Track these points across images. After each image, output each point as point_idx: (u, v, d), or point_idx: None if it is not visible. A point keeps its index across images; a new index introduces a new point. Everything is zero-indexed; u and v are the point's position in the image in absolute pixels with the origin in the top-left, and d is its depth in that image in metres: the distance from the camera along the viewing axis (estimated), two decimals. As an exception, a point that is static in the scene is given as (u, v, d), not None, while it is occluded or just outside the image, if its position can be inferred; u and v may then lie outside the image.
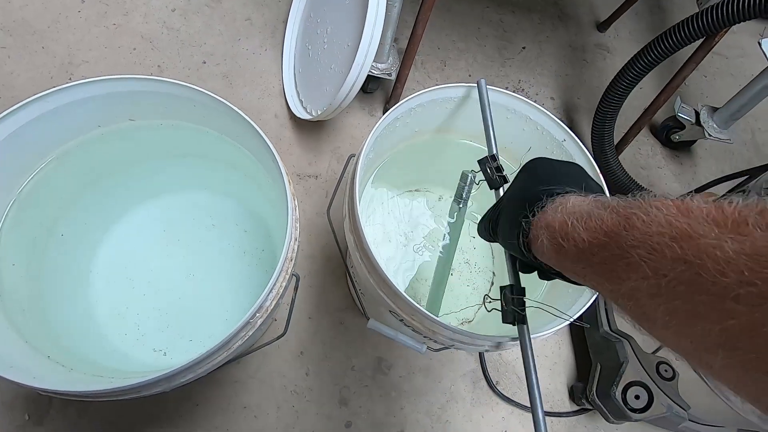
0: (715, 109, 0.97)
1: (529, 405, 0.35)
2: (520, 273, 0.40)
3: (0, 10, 0.85)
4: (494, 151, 0.50)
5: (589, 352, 0.79)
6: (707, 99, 1.17)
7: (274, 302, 0.44)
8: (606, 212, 0.25)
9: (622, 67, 0.86)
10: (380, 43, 0.72)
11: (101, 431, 0.63)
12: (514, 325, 0.41)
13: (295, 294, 0.50)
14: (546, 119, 0.58)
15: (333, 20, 0.79)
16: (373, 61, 0.82)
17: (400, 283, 0.71)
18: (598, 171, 0.54)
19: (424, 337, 0.49)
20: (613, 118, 0.90)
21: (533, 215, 0.32)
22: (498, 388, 0.76)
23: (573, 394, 0.78)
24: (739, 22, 0.72)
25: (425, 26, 0.77)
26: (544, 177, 0.34)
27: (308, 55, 0.86)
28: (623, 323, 0.76)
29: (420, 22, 0.76)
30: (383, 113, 0.94)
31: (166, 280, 0.65)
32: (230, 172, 0.64)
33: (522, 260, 0.37)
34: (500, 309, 0.42)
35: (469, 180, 0.55)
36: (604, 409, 0.71)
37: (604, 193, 0.33)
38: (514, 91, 1.05)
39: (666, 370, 0.70)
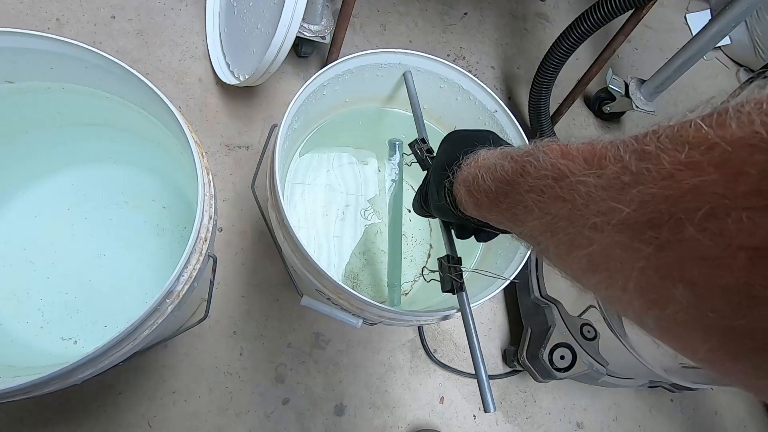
0: (642, 81, 1.01)
1: (465, 370, 0.36)
2: (458, 240, 0.42)
3: None
4: (424, 134, 0.52)
5: (521, 317, 0.82)
6: (637, 71, 1.22)
7: (186, 286, 0.41)
8: (507, 162, 0.27)
9: (557, 38, 0.86)
10: (311, 1, 0.66)
11: (8, 431, 0.58)
12: (453, 293, 0.42)
13: (214, 275, 0.46)
14: (478, 89, 0.56)
15: (258, -26, 0.72)
16: (305, 21, 0.77)
17: (336, 257, 0.69)
18: (527, 141, 0.54)
19: (353, 314, 0.47)
20: (549, 88, 0.91)
21: (453, 175, 0.34)
22: (436, 356, 0.78)
23: (506, 357, 0.82)
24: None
25: (359, -15, 0.72)
26: (462, 143, 0.37)
27: (233, 13, 0.79)
28: (552, 289, 0.79)
29: (353, -19, 0.71)
30: (319, 79, 0.89)
31: (74, 262, 0.59)
32: (141, 143, 0.58)
33: (457, 224, 0.39)
34: (438, 279, 0.43)
35: (396, 147, 0.57)
36: (533, 370, 0.75)
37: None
38: (454, 60, 1.04)
39: (589, 331, 0.75)
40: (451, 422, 0.76)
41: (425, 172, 0.49)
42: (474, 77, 0.56)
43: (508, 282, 0.50)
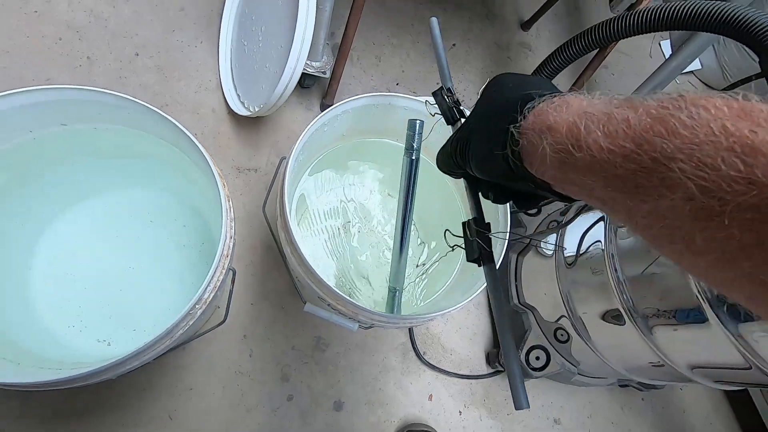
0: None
1: (452, 371, 0.42)
2: (495, 204, 0.37)
3: None
4: (450, 84, 0.46)
5: (503, 322, 0.91)
6: (614, 93, 1.31)
7: (212, 294, 0.49)
8: (632, 113, 0.21)
9: (536, 67, 0.96)
10: (313, 43, 0.76)
11: (47, 420, 0.66)
12: (479, 264, 0.37)
13: (233, 286, 0.55)
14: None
15: (267, 20, 0.82)
16: (308, 59, 0.87)
17: (333, 265, 0.78)
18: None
19: (349, 318, 0.56)
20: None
21: (523, 119, 0.27)
22: (425, 357, 0.86)
23: (489, 359, 0.90)
24: (637, 35, 0.82)
25: (356, 28, 0.82)
26: (518, 88, 0.30)
27: (244, 51, 0.89)
28: (530, 297, 0.88)
29: (351, 24, 0.81)
30: (320, 108, 0.98)
31: (107, 274, 0.68)
32: (164, 170, 0.67)
33: (500, 184, 0.33)
34: (463, 246, 0.37)
35: (417, 128, 0.53)
36: (512, 370, 0.83)
37: None
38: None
39: (562, 335, 0.83)
40: (439, 418, 0.84)
41: (450, 126, 0.44)
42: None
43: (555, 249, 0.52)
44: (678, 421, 1.00)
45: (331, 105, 0.92)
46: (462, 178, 0.39)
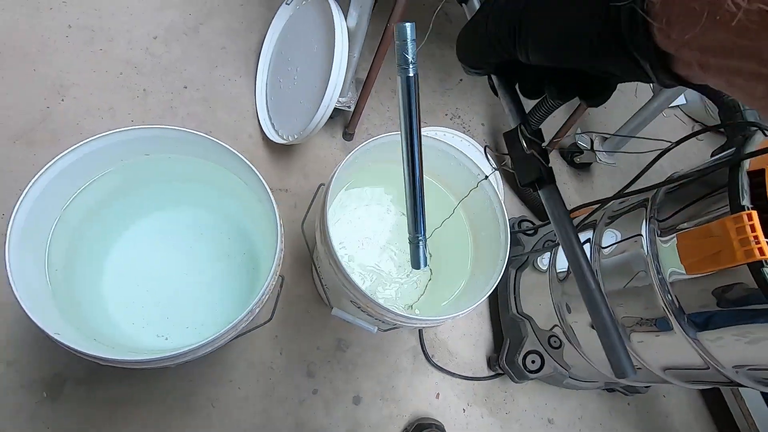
0: (605, 138, 1.23)
1: (457, 372, 0.48)
2: (550, 105, 0.28)
3: (-9, 34, 0.93)
4: None
5: (502, 329, 1.02)
6: (605, 127, 1.45)
7: (266, 296, 0.61)
8: None
9: (534, 106, 1.09)
10: (342, 83, 0.89)
11: (107, 406, 0.76)
12: (537, 187, 0.29)
13: (281, 290, 0.67)
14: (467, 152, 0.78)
15: (302, 62, 0.95)
16: (336, 96, 0.99)
17: (358, 269, 0.89)
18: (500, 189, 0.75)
19: (375, 319, 0.67)
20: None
21: None
22: (433, 360, 0.97)
23: (489, 363, 1.01)
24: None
25: (378, 71, 0.95)
26: None
27: (280, 87, 1.02)
28: (527, 307, 0.99)
29: (374, 67, 0.94)
30: (343, 136, 1.11)
31: (164, 279, 0.79)
32: (220, 193, 0.79)
33: (588, 67, 0.22)
34: (510, 168, 0.30)
35: (408, 34, 0.33)
36: (510, 372, 0.94)
37: None
38: (451, 118, 1.27)
39: (555, 342, 0.94)
40: (445, 414, 0.94)
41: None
42: (468, 138, 0.78)
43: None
44: (661, 425, 1.10)
45: (353, 134, 1.05)
46: (492, 74, 0.29)
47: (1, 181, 0.84)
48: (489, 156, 0.55)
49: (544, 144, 0.29)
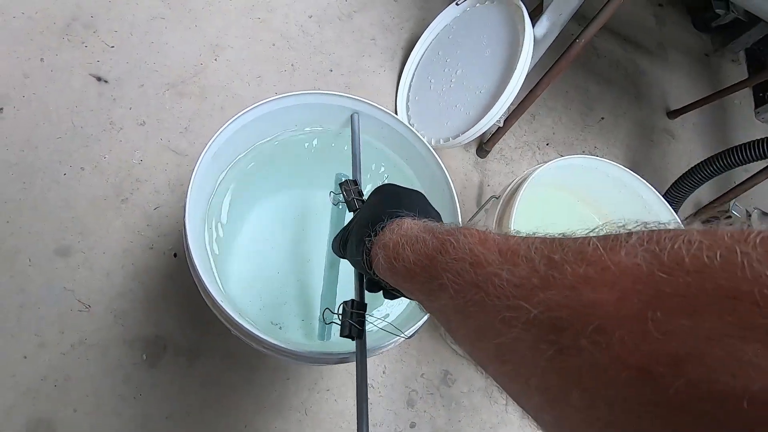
0: (765, 214, 1.08)
1: None
2: (367, 292, 0.43)
3: (166, -16, 0.93)
4: (358, 177, 0.55)
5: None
6: (760, 202, 1.28)
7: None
8: (429, 237, 0.28)
9: (699, 163, 0.97)
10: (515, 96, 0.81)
11: (203, 386, 0.70)
12: (351, 339, 0.43)
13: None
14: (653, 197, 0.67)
15: (465, 66, 0.88)
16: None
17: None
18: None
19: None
20: (680, 202, 1.01)
21: (375, 235, 0.34)
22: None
23: None
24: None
25: (545, 88, 0.87)
26: (390, 201, 0.37)
27: (429, 87, 0.95)
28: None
29: (542, 85, 0.86)
30: (476, 152, 1.03)
31: (286, 262, 0.72)
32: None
33: (368, 279, 0.39)
34: (338, 322, 0.43)
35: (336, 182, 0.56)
36: None
37: (439, 218, 0.37)
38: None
39: None
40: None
41: (351, 213, 0.50)
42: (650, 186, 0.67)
43: (405, 338, 0.55)
44: None
45: (489, 151, 0.97)
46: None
47: (148, 125, 0.82)
48: (332, 200, 0.63)
49: (366, 313, 0.43)
